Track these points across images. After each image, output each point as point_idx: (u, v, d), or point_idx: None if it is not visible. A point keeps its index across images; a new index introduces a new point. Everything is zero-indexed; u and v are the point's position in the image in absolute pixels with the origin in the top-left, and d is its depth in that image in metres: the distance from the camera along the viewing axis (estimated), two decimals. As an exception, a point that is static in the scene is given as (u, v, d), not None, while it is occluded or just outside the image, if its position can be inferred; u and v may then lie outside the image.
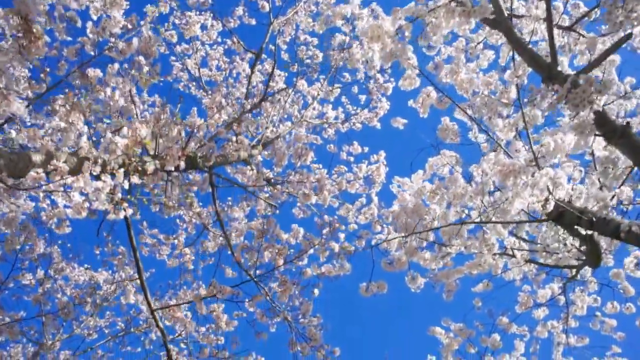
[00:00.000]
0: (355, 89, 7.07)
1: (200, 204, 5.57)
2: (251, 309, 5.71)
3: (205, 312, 3.93)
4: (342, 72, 6.93)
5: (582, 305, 6.31)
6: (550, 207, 2.93)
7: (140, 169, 3.25)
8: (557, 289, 6.33)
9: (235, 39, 6.88)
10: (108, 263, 4.86)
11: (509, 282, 7.21)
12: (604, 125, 2.96)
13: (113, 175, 3.03)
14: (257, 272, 3.58)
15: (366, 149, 7.00)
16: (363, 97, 7.13)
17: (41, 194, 2.75)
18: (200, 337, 4.04)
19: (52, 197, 2.78)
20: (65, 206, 2.83)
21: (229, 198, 5.51)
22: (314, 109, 6.74)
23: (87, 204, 2.74)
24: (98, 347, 6.70)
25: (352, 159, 7.03)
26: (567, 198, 3.05)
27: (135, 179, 3.13)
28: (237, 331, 5.34)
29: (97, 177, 2.85)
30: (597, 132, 2.84)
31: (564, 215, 2.99)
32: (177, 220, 6.21)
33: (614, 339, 6.79)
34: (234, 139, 4.16)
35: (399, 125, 5.52)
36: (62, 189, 2.65)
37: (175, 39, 5.85)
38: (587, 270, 6.82)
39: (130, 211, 2.81)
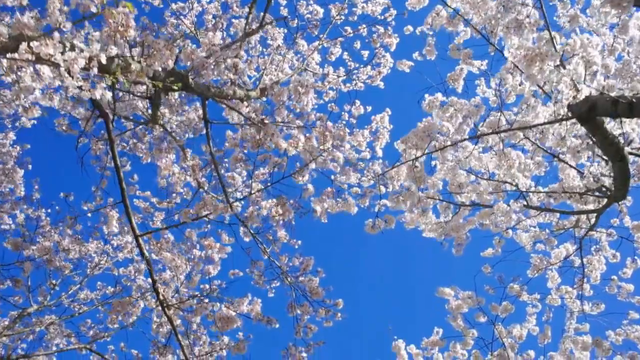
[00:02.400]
0: (357, 44, 6.77)
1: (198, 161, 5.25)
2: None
3: (195, 239, 3.60)
4: (344, 25, 6.64)
5: (599, 266, 5.97)
6: (581, 97, 2.61)
7: (124, 75, 2.94)
8: (572, 249, 5.99)
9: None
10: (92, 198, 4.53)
11: (520, 248, 6.89)
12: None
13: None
14: (254, 195, 3.24)
15: (369, 108, 6.68)
16: (366, 53, 6.83)
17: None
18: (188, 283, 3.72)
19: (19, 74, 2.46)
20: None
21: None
22: (313, 59, 6.44)
23: (58, 83, 2.42)
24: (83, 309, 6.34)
25: (354, 121, 6.69)
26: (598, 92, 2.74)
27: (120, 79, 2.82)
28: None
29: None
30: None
31: (595, 107, 2.67)
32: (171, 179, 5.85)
33: (630, 305, 6.45)
34: (230, 61, 3.85)
35: (404, 68, 5.21)
36: (28, 57, 2.33)
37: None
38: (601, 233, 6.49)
39: (108, 95, 2.49)
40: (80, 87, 2.48)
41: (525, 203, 5.09)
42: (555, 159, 4.25)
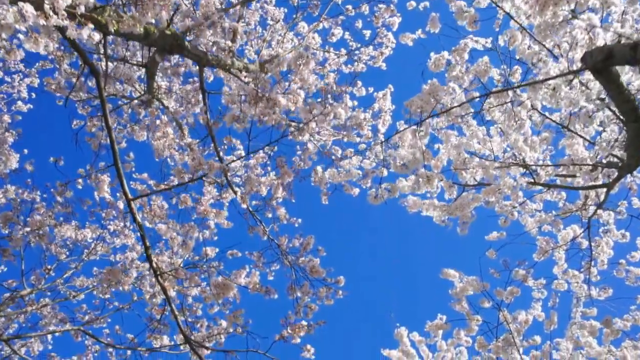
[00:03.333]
0: (359, 23, 6.63)
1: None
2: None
3: (190, 204, 3.44)
4: (345, 4, 6.50)
5: (607, 249, 5.81)
6: (597, 43, 2.47)
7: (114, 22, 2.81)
8: (579, 231, 5.84)
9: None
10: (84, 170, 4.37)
11: (526, 233, 6.74)
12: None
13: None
14: (250, 154, 3.09)
15: (371, 89, 6.53)
16: (368, 33, 6.69)
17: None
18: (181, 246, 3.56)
19: None
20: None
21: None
22: (314, 39, 6.29)
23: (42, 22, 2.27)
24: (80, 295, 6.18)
25: (355, 102, 6.54)
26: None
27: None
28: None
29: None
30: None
31: (612, 55, 2.53)
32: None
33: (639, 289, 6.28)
34: (229, 25, 3.71)
35: (407, 42, 5.07)
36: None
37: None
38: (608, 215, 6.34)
39: (96, 37, 2.34)
40: (64, 30, 2.34)
41: (532, 180, 4.94)
42: (564, 129, 4.10)
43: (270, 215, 4.97)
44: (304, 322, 3.62)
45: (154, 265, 3.21)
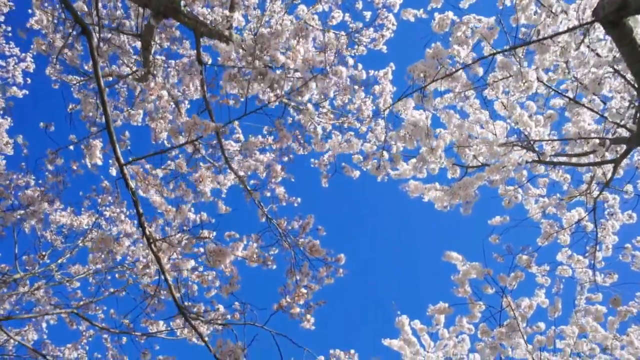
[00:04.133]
0: (359, 4, 6.51)
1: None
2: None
3: (185, 169, 3.32)
4: (346, -16, 6.38)
5: (612, 234, 5.70)
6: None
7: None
8: (584, 214, 5.72)
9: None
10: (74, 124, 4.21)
11: (529, 219, 6.62)
12: None
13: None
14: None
15: (371, 72, 6.42)
16: (368, 14, 6.57)
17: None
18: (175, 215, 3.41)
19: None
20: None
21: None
22: (314, 19, 6.17)
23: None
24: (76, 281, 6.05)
25: (356, 87, 6.42)
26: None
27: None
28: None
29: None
30: None
31: (626, 5, 2.41)
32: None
33: (646, 274, 6.16)
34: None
35: (409, 17, 4.96)
36: None
37: None
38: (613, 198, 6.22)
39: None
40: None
41: (537, 158, 4.83)
42: (571, 101, 3.99)
43: (269, 194, 4.86)
44: (303, 290, 3.50)
45: (147, 232, 3.09)
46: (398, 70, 6.33)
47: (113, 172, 4.45)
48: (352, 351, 3.16)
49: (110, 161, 4.45)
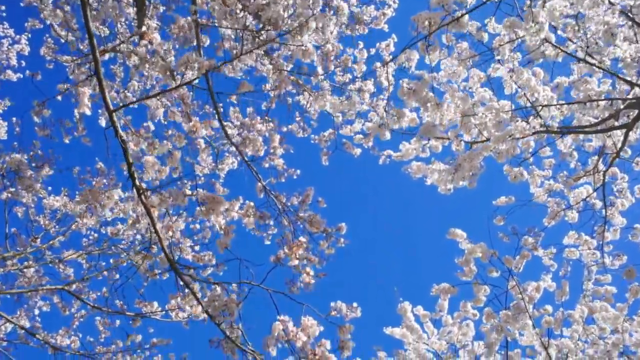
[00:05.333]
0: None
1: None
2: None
3: (179, 118, 3.14)
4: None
5: (622, 208, 5.52)
6: None
7: None
8: (592, 191, 5.55)
9: None
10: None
11: (534, 201, 6.44)
12: None
13: None
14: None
15: (372, 51, 6.27)
16: (369, -5, 6.43)
17: None
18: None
19: None
20: None
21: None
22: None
23: None
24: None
25: (356, 67, 6.26)
26: None
27: None
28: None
29: None
30: None
31: None
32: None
33: (656, 256, 5.98)
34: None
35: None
36: None
37: None
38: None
39: None
40: None
41: (545, 127, 4.67)
42: (580, 62, 3.84)
43: (267, 166, 4.69)
44: (302, 239, 3.32)
45: (137, 183, 2.92)
46: (398, 50, 6.16)
47: (102, 122, 4.28)
48: (355, 304, 2.99)
49: (99, 111, 4.28)
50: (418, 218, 16.42)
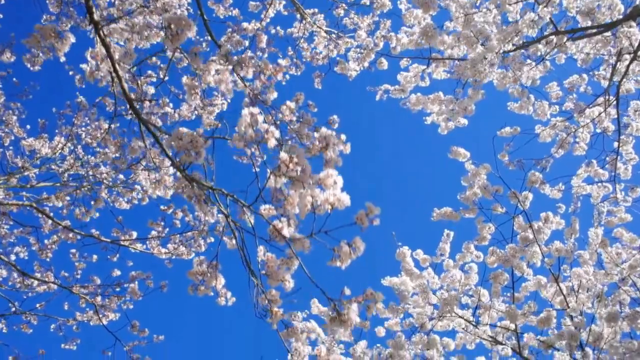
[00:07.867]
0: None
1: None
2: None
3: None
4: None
5: (637, 131, 5.14)
6: None
7: None
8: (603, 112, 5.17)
9: None
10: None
11: (540, 141, 6.07)
12: None
13: None
14: None
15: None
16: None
17: None
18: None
19: None
20: None
21: None
22: None
23: None
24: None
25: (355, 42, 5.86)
26: None
27: None
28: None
29: None
30: None
31: None
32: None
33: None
34: None
35: None
36: None
37: None
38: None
39: None
40: None
41: (555, 29, 4.33)
42: None
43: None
44: (282, 61, 2.93)
45: (95, 18, 2.51)
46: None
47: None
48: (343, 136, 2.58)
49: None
50: (417, 155, 15.69)
